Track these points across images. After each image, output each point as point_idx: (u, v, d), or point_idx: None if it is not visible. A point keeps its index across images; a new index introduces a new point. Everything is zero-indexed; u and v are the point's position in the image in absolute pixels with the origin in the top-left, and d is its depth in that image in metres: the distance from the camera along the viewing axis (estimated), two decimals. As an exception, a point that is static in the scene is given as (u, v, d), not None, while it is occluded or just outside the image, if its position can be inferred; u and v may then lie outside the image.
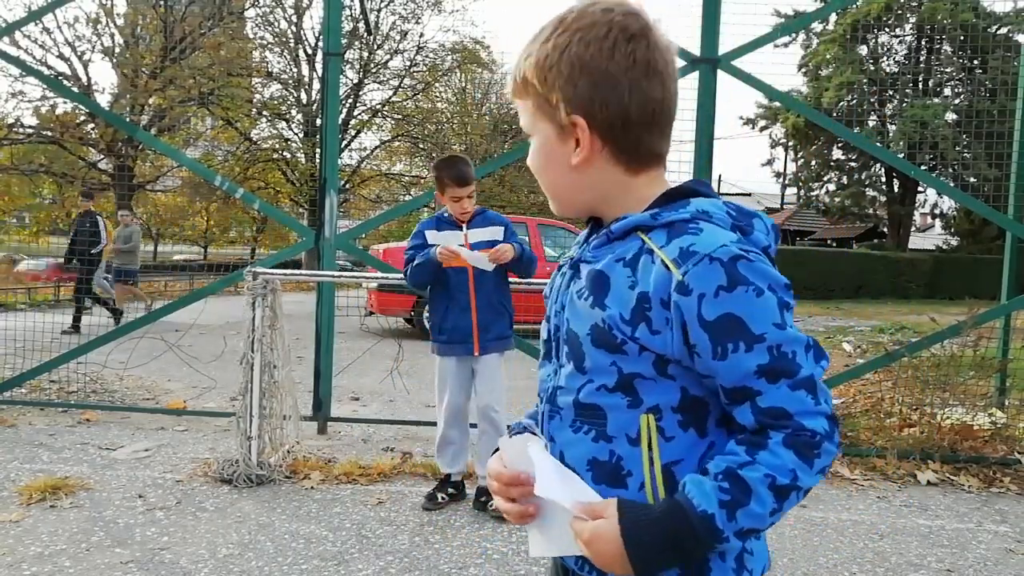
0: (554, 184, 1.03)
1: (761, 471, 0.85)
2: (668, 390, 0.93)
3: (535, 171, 1.04)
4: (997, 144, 6.08)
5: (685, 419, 0.94)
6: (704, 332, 0.87)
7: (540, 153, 1.02)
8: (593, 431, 0.96)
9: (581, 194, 1.01)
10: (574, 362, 0.98)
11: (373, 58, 24.91)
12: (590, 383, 0.96)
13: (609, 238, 0.98)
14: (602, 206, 1.01)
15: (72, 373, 5.91)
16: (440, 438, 3.65)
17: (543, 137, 1.00)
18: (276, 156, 25.06)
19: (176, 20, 20.63)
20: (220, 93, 21.27)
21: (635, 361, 0.93)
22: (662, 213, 0.94)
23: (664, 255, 0.90)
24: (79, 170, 20.98)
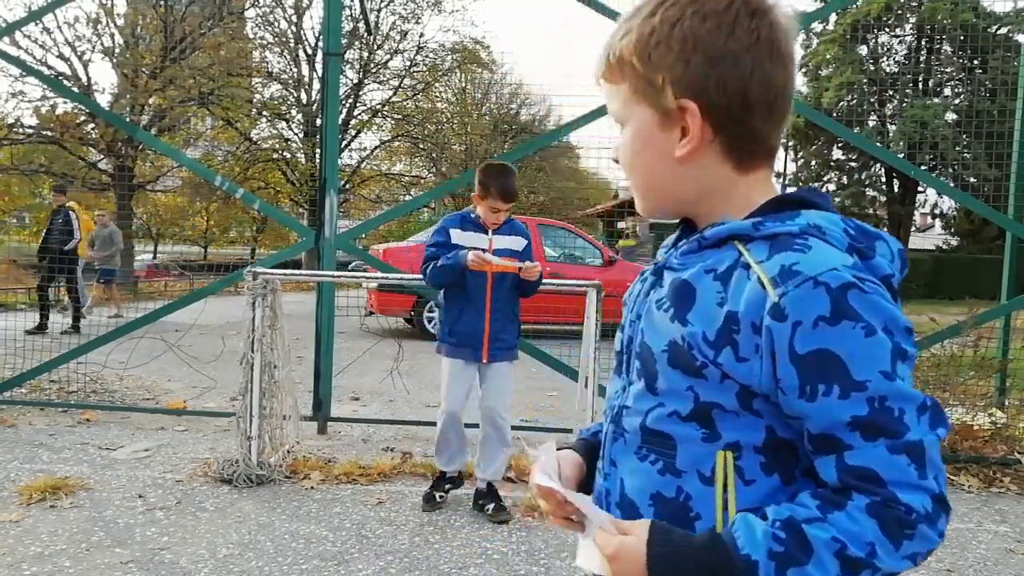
0: (649, 179, 0.90)
1: (829, 533, 0.73)
2: (751, 427, 0.81)
3: (625, 164, 0.92)
4: (997, 144, 6.08)
5: (769, 462, 0.82)
6: (792, 367, 0.75)
7: (635, 143, 0.89)
8: (660, 462, 0.86)
9: (680, 191, 0.89)
10: (645, 380, 0.88)
11: (373, 58, 24.91)
12: (661, 407, 0.86)
13: (701, 245, 0.86)
14: (699, 207, 0.90)
15: (72, 373, 5.91)
16: (439, 437, 3.63)
17: (640, 125, 0.88)
18: (276, 156, 25.06)
19: (176, 20, 20.63)
20: (220, 93, 21.27)
21: (715, 389, 0.82)
22: (766, 223, 0.82)
23: (762, 271, 0.78)
24: (79, 170, 20.97)
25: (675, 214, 0.94)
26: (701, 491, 0.83)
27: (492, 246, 3.47)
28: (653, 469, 0.86)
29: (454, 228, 3.51)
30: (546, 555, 3.14)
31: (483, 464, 3.61)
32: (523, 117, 28.85)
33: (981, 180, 16.13)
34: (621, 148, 0.92)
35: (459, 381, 3.50)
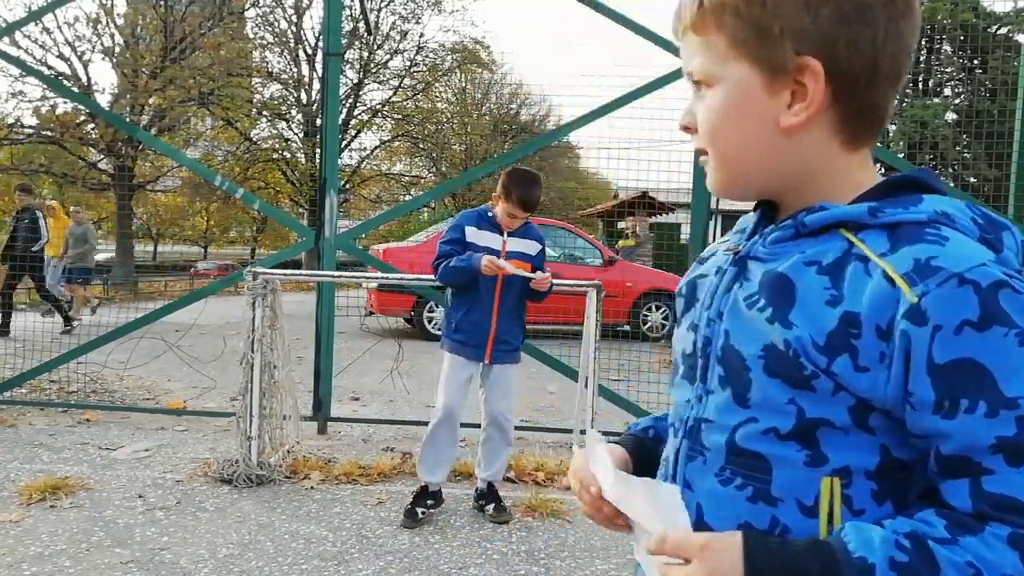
0: (741, 151, 0.77)
1: (963, 557, 0.63)
2: (864, 448, 0.70)
3: (709, 132, 0.77)
4: (997, 144, 6.08)
5: (881, 489, 0.71)
6: (928, 378, 0.65)
7: (729, 106, 0.75)
8: (750, 487, 0.74)
9: (777, 167, 0.76)
10: (733, 391, 0.75)
11: (373, 58, 24.92)
12: (754, 422, 0.74)
13: (798, 232, 0.74)
14: (794, 188, 0.77)
15: (72, 373, 5.91)
16: (427, 437, 3.51)
17: (739, 84, 0.74)
18: (276, 156, 25.07)
19: (176, 20, 20.63)
20: (220, 93, 21.28)
21: (825, 403, 0.70)
22: (884, 208, 0.71)
23: (888, 266, 0.67)
24: (79, 170, 20.99)
25: (759, 194, 0.81)
26: (801, 523, 0.71)
27: (506, 248, 3.46)
28: (740, 495, 0.75)
29: (470, 226, 3.48)
30: (546, 555, 3.14)
31: (484, 464, 3.60)
32: (523, 117, 28.87)
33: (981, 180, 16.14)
34: (706, 112, 0.77)
35: (459, 379, 3.48)
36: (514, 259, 3.42)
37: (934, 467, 0.68)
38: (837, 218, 0.72)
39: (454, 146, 26.67)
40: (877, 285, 0.67)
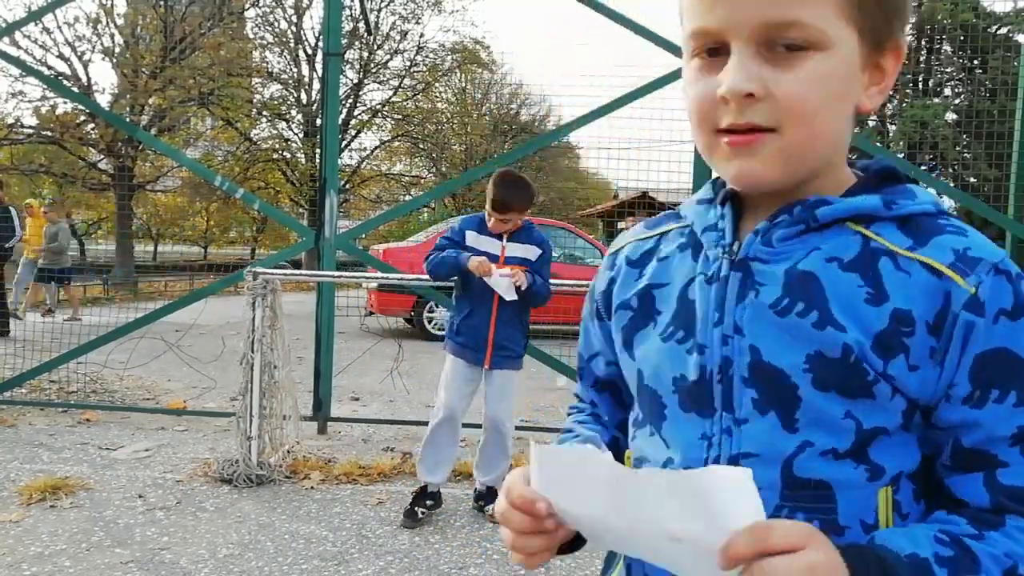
0: (829, 132, 0.69)
1: (997, 549, 0.62)
2: (908, 448, 0.68)
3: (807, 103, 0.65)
4: (997, 144, 6.09)
5: (919, 488, 0.69)
6: (972, 367, 0.64)
7: (838, 76, 0.66)
8: (817, 522, 0.64)
9: (833, 151, 0.71)
10: (777, 413, 0.67)
11: (373, 58, 24.91)
12: (809, 446, 0.66)
13: (808, 227, 0.69)
14: (811, 180, 0.71)
15: (72, 373, 5.91)
16: (427, 437, 3.53)
17: (851, 52, 0.66)
18: (276, 156, 25.06)
19: (176, 20, 20.63)
20: (220, 93, 21.27)
21: (883, 410, 0.66)
22: (897, 200, 0.69)
23: (927, 259, 0.65)
24: (79, 170, 20.98)
25: (791, 183, 0.70)
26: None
27: (505, 253, 3.45)
28: None
29: (471, 230, 3.49)
30: (546, 555, 3.14)
31: (483, 468, 3.60)
32: (523, 117, 28.86)
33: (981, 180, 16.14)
34: (808, 81, 0.64)
35: (459, 381, 3.48)
36: (513, 264, 3.40)
37: (947, 461, 0.67)
38: (852, 211, 0.69)
39: (454, 146, 26.65)
40: (922, 279, 0.65)
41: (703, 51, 0.68)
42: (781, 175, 0.68)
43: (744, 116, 0.66)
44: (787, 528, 0.57)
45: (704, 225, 0.76)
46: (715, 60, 0.67)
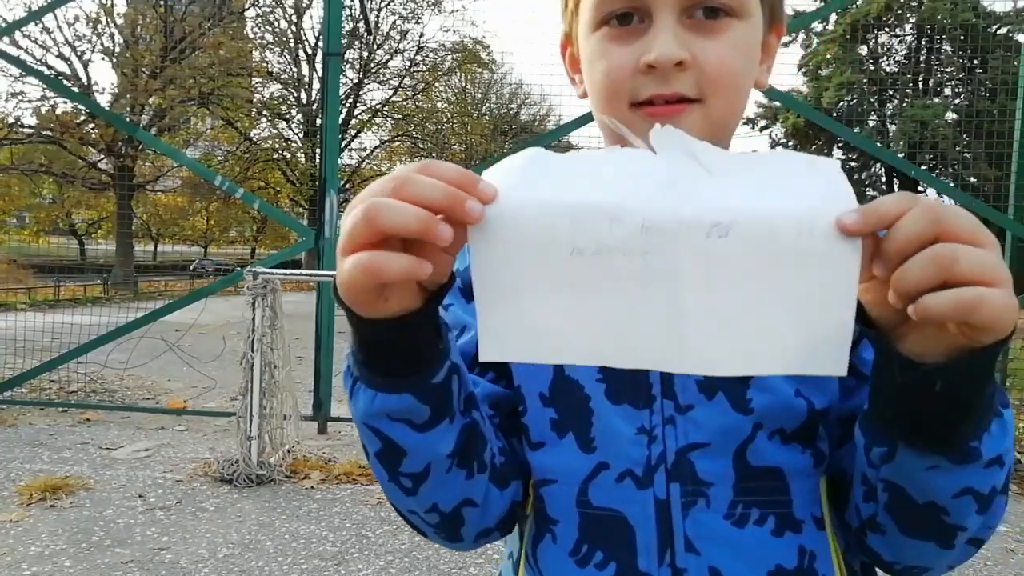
0: (741, 103, 0.67)
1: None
2: (829, 426, 0.63)
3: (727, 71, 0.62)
4: (997, 144, 6.09)
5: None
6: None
7: (752, 44, 0.65)
8: (772, 517, 0.61)
9: (736, 124, 0.70)
10: (727, 394, 0.61)
11: (373, 58, 24.93)
12: (760, 430, 0.61)
13: None
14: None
15: (72, 373, 5.91)
16: None
17: (759, 24, 0.65)
18: (276, 156, 25.08)
19: (176, 20, 20.64)
20: (220, 93, 21.29)
21: (828, 388, 0.62)
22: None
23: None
24: (79, 170, 21.00)
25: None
26: (819, 543, 0.61)
27: None
28: (763, 532, 0.60)
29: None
30: (546, 555, 3.15)
31: None
32: (523, 117, 28.87)
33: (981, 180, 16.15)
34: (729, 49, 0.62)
35: None
36: None
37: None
38: None
39: (454, 146, 26.65)
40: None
41: (610, 19, 0.63)
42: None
43: (671, 86, 0.61)
44: (971, 217, 0.44)
45: None
46: (627, 29, 0.62)
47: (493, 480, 0.64)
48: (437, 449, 0.57)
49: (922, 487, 0.52)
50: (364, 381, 0.54)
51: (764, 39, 0.66)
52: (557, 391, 0.66)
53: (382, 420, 0.55)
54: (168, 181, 25.30)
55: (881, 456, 0.52)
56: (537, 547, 0.66)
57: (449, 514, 0.62)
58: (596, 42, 0.64)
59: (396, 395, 0.53)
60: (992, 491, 0.52)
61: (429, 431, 0.56)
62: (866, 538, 0.59)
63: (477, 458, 0.61)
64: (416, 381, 0.53)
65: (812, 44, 28.29)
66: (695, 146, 0.46)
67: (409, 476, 0.59)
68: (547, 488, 0.66)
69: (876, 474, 0.54)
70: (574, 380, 0.65)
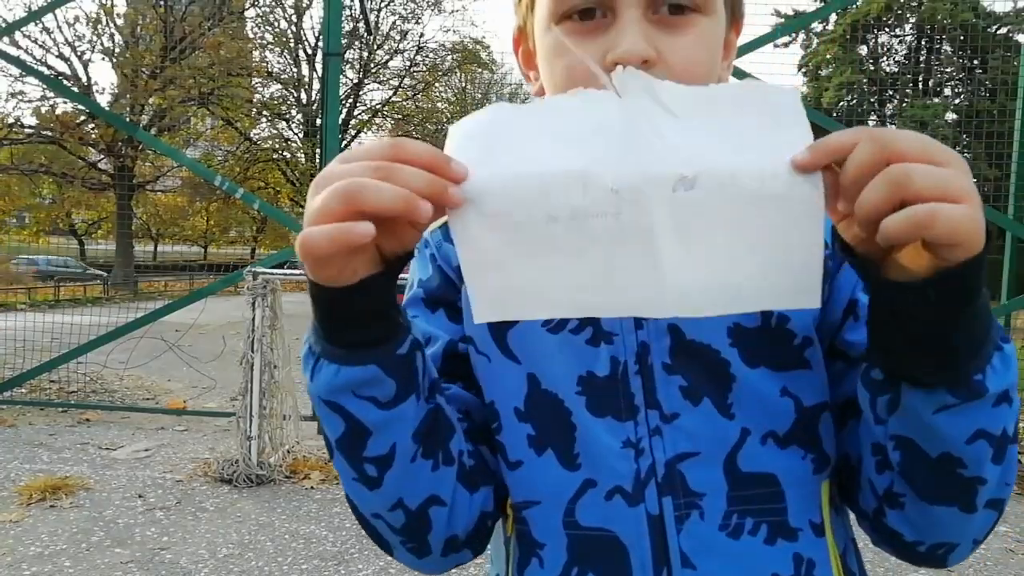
0: (707, 78, 0.62)
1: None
2: (830, 426, 0.62)
3: (694, 67, 0.60)
4: (997, 144, 6.09)
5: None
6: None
7: (716, 41, 0.63)
8: (765, 525, 0.59)
9: None
10: (712, 399, 0.60)
11: (373, 58, 24.94)
12: (748, 435, 0.59)
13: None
14: None
15: (72, 373, 5.91)
16: None
17: (721, 20, 0.63)
18: (276, 156, 25.09)
19: (176, 20, 20.64)
20: (220, 93, 21.29)
21: (820, 381, 0.61)
22: None
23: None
24: (79, 170, 21.00)
25: None
26: (817, 550, 0.60)
27: None
28: (756, 542, 0.58)
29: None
30: (546, 555, 3.15)
31: None
32: (523, 117, 28.88)
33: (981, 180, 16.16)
34: (695, 45, 0.60)
35: None
36: None
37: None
38: None
39: (454, 146, 26.68)
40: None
41: (571, 14, 0.60)
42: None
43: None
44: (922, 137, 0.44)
45: None
46: (589, 24, 0.60)
47: (461, 479, 0.62)
48: (403, 428, 0.56)
49: (933, 436, 0.50)
50: (327, 356, 0.53)
51: (725, 36, 0.65)
52: (533, 405, 0.62)
53: (347, 396, 0.54)
54: (168, 181, 25.30)
55: (887, 404, 0.51)
56: (523, 572, 0.64)
57: (415, 512, 0.60)
58: (555, 38, 0.61)
59: (361, 367, 0.52)
60: (1004, 434, 0.51)
61: (394, 407, 0.54)
62: (885, 518, 0.58)
63: (443, 447, 0.59)
64: (381, 353, 0.52)
65: (812, 44, 28.29)
66: (658, 87, 0.46)
67: (373, 461, 0.56)
68: (530, 511, 0.63)
69: (885, 432, 0.53)
70: (551, 393, 0.62)
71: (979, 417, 0.49)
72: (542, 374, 0.62)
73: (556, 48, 0.61)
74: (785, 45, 21.55)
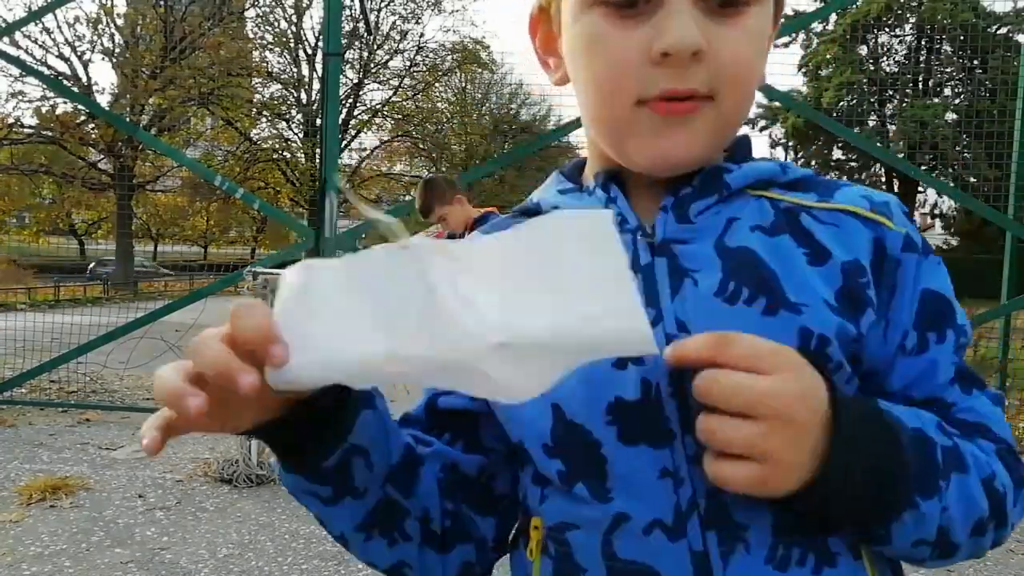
0: (751, 99, 0.61)
1: (979, 455, 0.56)
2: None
3: (744, 63, 0.56)
4: (997, 144, 6.09)
5: None
6: (913, 307, 0.58)
7: (766, 34, 0.59)
8: (811, 556, 0.55)
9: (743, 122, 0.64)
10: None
11: (373, 58, 24.94)
12: None
13: (721, 197, 0.60)
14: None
15: (72, 373, 5.91)
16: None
17: (769, 12, 0.59)
18: (276, 156, 25.09)
19: (176, 20, 20.64)
20: (220, 93, 21.29)
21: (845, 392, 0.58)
22: (787, 165, 0.63)
23: (849, 207, 0.59)
24: (79, 170, 21.00)
25: (710, 158, 0.61)
26: (858, 574, 0.57)
27: None
28: (806, 572, 0.55)
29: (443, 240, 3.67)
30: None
31: None
32: (523, 117, 28.88)
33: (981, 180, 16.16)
34: (744, 39, 0.55)
35: None
36: None
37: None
38: (755, 176, 0.60)
39: (454, 146, 26.66)
40: (852, 226, 0.59)
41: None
42: (710, 149, 0.59)
43: (686, 80, 0.54)
44: (757, 345, 0.49)
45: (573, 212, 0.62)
46: (631, 11, 0.54)
47: (428, 544, 0.63)
48: (346, 520, 0.60)
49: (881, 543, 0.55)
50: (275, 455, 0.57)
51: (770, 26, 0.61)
52: (560, 440, 0.58)
53: (295, 491, 0.58)
54: (168, 181, 25.29)
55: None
56: None
57: (389, 571, 0.64)
58: (592, 24, 0.56)
59: (292, 475, 0.56)
60: (942, 534, 0.54)
61: (334, 505, 0.58)
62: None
63: (396, 529, 0.61)
64: (308, 467, 0.55)
65: (812, 44, 28.29)
66: (458, 249, 0.45)
67: (337, 538, 0.62)
68: (572, 533, 0.59)
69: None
70: (578, 425, 0.57)
71: (905, 542, 0.54)
72: (567, 404, 0.57)
73: (595, 39, 0.56)
74: (785, 45, 21.54)
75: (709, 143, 0.58)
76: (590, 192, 0.64)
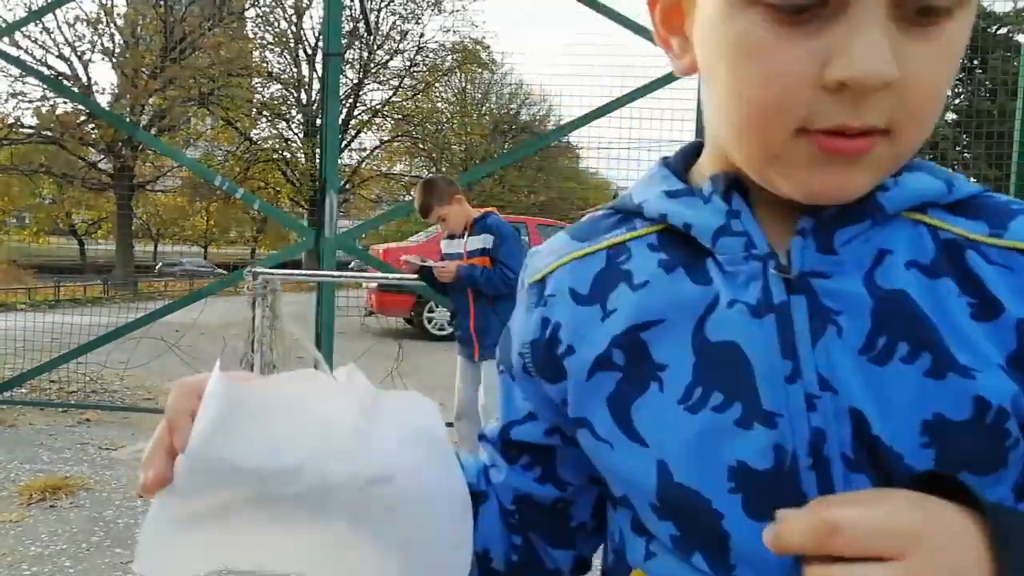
0: (931, 129, 0.48)
1: None
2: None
3: (940, 87, 0.45)
4: (997, 144, 6.09)
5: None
6: None
7: (958, 58, 0.46)
8: None
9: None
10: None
11: (373, 58, 24.95)
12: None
13: (873, 223, 0.49)
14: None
15: (72, 373, 5.91)
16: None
17: (966, 24, 0.45)
18: (276, 156, 25.10)
19: (176, 20, 20.65)
20: (220, 93, 21.31)
21: (1006, 480, 0.47)
22: (954, 181, 0.52)
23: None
24: (79, 170, 21.01)
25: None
26: None
27: (467, 247, 3.62)
28: None
29: (444, 240, 3.74)
30: (546, 555, 3.14)
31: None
32: (523, 117, 28.88)
33: (981, 180, 16.13)
34: (944, 58, 0.44)
35: (464, 379, 3.64)
36: (475, 256, 3.55)
37: None
38: (916, 198, 0.49)
39: (454, 146, 26.66)
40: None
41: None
42: (872, 185, 0.48)
43: (863, 115, 0.43)
44: (871, 525, 0.38)
45: (708, 227, 0.51)
46: (801, 16, 0.43)
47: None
48: None
49: None
50: None
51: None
52: (670, 503, 0.50)
53: None
54: (168, 181, 25.31)
55: None
56: None
57: None
58: (749, 28, 0.44)
59: None
60: None
61: None
62: None
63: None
64: None
65: (812, 44, 28.29)
66: (370, 393, 0.53)
67: None
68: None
69: None
70: (690, 490, 0.49)
71: None
72: (675, 464, 0.49)
73: (752, 48, 0.45)
74: (785, 45, 21.56)
75: (874, 181, 0.47)
76: (706, 199, 0.52)
